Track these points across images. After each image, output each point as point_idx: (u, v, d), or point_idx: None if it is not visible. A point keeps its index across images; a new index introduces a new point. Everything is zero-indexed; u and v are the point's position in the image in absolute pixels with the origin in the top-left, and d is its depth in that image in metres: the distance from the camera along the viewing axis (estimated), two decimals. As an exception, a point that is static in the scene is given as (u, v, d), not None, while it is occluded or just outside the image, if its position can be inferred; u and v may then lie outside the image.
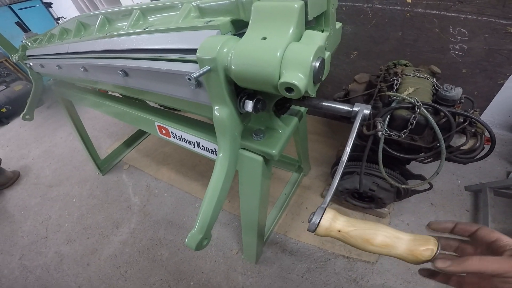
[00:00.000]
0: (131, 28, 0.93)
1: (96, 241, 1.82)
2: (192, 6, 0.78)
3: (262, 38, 0.54)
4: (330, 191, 0.58)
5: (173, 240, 1.73)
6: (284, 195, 1.81)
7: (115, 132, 2.87)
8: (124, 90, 1.12)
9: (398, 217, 1.63)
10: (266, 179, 0.99)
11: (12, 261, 1.81)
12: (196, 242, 0.72)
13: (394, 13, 1.55)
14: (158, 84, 0.85)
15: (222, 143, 0.74)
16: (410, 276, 1.39)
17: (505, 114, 1.92)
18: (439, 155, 1.02)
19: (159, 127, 1.14)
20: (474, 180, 1.76)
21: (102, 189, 2.19)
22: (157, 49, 0.79)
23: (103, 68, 1.03)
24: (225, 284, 1.49)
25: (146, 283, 1.55)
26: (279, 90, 0.52)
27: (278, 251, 1.58)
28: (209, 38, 0.60)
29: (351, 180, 1.40)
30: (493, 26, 1.36)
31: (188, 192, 2.01)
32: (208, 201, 0.74)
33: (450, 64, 1.59)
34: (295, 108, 1.02)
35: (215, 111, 0.68)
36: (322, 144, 2.18)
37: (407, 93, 1.11)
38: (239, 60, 0.55)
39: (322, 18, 0.70)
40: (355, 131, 0.66)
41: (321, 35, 0.55)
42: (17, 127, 3.33)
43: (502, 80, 1.52)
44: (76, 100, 1.77)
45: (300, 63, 0.50)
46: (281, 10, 0.54)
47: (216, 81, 0.61)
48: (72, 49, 1.18)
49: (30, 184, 2.40)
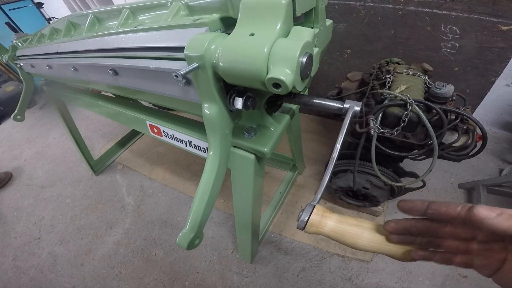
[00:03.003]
0: (120, 27, 0.93)
1: (90, 242, 1.80)
2: (181, 4, 0.77)
3: (250, 34, 0.54)
4: (321, 188, 0.58)
5: (168, 240, 1.72)
6: (278, 194, 1.81)
7: (109, 133, 2.85)
8: (115, 90, 1.12)
9: (392, 215, 1.64)
10: (259, 178, 0.99)
11: (5, 262, 1.78)
12: (188, 241, 0.71)
13: (386, 11, 1.55)
14: (148, 82, 0.85)
15: (212, 141, 0.74)
16: (404, 274, 1.40)
17: (497, 111, 1.93)
18: (431, 153, 1.02)
19: (150, 126, 1.13)
20: (467, 178, 1.77)
21: (95, 189, 2.17)
22: (146, 47, 0.79)
23: (92, 68, 1.02)
24: (220, 283, 1.49)
25: (141, 283, 1.54)
26: (267, 86, 0.51)
27: (273, 250, 1.58)
28: (197, 35, 0.60)
29: (344, 178, 1.40)
30: (484, 24, 1.37)
31: (183, 192, 2.00)
32: (199, 200, 0.73)
33: (442, 62, 1.59)
34: (287, 105, 1.01)
35: (204, 109, 0.67)
36: (316, 142, 2.18)
37: (399, 90, 1.11)
38: (226, 57, 0.55)
39: (312, 15, 0.70)
40: (345, 127, 0.66)
41: (309, 30, 0.55)
42: (9, 128, 3.30)
43: (494, 78, 1.54)
44: (68, 101, 1.75)
45: (287, 59, 0.49)
46: (269, 6, 0.54)
47: (205, 78, 0.61)
48: (62, 49, 1.16)
49: (23, 185, 2.37)
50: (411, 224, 0.45)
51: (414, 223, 0.45)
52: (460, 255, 0.42)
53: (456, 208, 0.38)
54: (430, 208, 0.41)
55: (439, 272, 1.38)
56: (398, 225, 0.47)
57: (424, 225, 0.44)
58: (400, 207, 0.45)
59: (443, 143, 1.05)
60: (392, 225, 0.47)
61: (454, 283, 1.34)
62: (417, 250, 0.46)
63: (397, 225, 0.47)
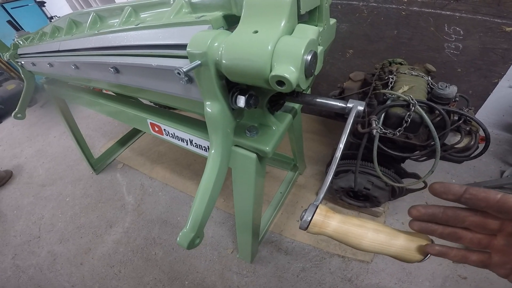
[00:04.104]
0: (122, 25, 0.92)
1: (90, 241, 1.80)
2: (184, 1, 0.76)
3: (254, 31, 0.53)
4: (323, 188, 0.58)
5: (168, 239, 1.72)
6: (279, 194, 1.80)
7: (109, 131, 2.84)
8: (117, 88, 1.11)
9: (393, 216, 1.63)
10: (260, 177, 0.98)
11: (4, 261, 1.78)
12: (188, 240, 0.71)
13: (389, 12, 1.54)
14: (150, 80, 0.84)
15: (214, 139, 0.73)
16: (405, 275, 1.39)
17: (499, 113, 1.93)
18: (433, 154, 1.02)
19: (151, 124, 1.13)
20: (469, 179, 1.76)
21: (95, 188, 2.17)
22: (148, 45, 0.78)
23: (94, 66, 1.01)
24: (220, 283, 1.48)
25: (140, 283, 1.54)
26: (270, 83, 0.51)
27: (273, 250, 1.57)
28: (200, 32, 0.59)
29: (346, 178, 1.40)
30: (488, 25, 1.36)
31: (183, 191, 1.99)
32: (200, 199, 0.73)
33: (445, 63, 1.59)
34: (289, 105, 1.01)
35: (206, 107, 0.67)
36: (317, 142, 2.18)
37: (402, 91, 1.11)
38: (229, 54, 0.54)
39: (316, 13, 0.69)
40: (349, 127, 0.65)
41: (314, 28, 0.54)
42: (10, 126, 3.29)
43: (497, 79, 1.53)
44: (69, 99, 1.75)
45: (292, 56, 0.49)
46: (273, 3, 0.53)
47: (207, 76, 0.60)
48: (63, 47, 1.16)
49: (23, 184, 2.37)
50: (440, 211, 0.43)
51: (443, 209, 0.43)
52: (477, 253, 0.41)
53: (496, 195, 0.37)
54: (468, 193, 0.39)
55: (439, 273, 1.37)
56: (426, 209, 0.44)
57: (453, 212, 0.42)
58: (434, 188, 0.42)
59: (445, 144, 1.05)
60: (420, 208, 0.45)
61: (454, 284, 1.34)
62: (433, 244, 0.45)
63: (426, 210, 0.44)
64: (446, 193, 0.41)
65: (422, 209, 0.45)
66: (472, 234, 0.42)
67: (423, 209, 0.44)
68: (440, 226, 0.44)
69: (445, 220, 0.43)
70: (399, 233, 0.49)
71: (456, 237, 0.43)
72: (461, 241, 0.43)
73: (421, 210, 0.45)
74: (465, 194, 0.39)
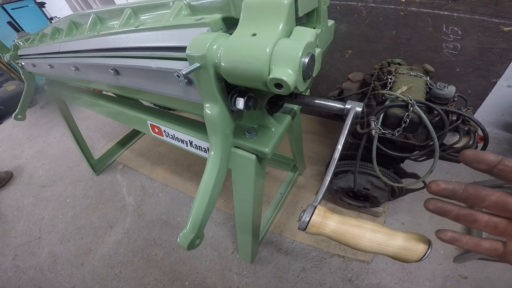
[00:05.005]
0: (122, 26, 0.93)
1: (90, 241, 1.80)
2: (183, 4, 0.77)
3: (252, 34, 0.54)
4: (322, 188, 0.58)
5: (168, 240, 1.72)
6: (279, 195, 1.81)
7: (109, 132, 2.85)
8: (117, 89, 1.11)
9: (393, 216, 1.64)
10: (259, 178, 0.99)
11: (5, 262, 1.78)
12: (188, 241, 0.71)
13: (388, 12, 1.55)
14: (150, 82, 0.85)
15: (213, 141, 0.74)
16: (405, 275, 1.40)
17: (498, 112, 1.93)
18: (432, 154, 1.02)
19: (151, 126, 1.13)
20: (468, 179, 1.77)
21: (96, 189, 2.17)
22: (148, 47, 0.79)
23: (94, 67, 1.02)
24: (220, 284, 1.49)
25: (141, 283, 1.54)
26: (269, 86, 0.51)
27: (273, 251, 1.58)
28: (199, 35, 0.60)
29: (345, 179, 1.40)
30: (486, 24, 1.37)
31: (183, 192, 2.00)
32: (200, 200, 0.73)
33: (444, 63, 1.59)
34: (289, 106, 1.01)
35: (206, 109, 0.67)
36: (317, 143, 2.18)
37: (400, 91, 1.11)
38: (228, 57, 0.55)
39: (314, 15, 0.69)
40: (347, 128, 0.65)
41: (311, 31, 0.55)
42: (10, 127, 3.30)
43: (495, 79, 1.53)
44: (69, 100, 1.75)
45: (289, 59, 0.49)
46: (271, 6, 0.54)
47: (206, 78, 0.61)
48: (63, 48, 1.16)
49: (23, 185, 2.37)
50: (461, 187, 0.40)
51: (465, 186, 0.40)
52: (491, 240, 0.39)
53: None
54: (503, 164, 0.36)
55: (440, 273, 1.38)
56: (447, 185, 0.40)
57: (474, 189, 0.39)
58: (466, 156, 0.39)
59: (444, 144, 1.05)
60: (440, 183, 0.41)
61: (455, 284, 1.34)
62: (446, 230, 0.43)
63: (446, 185, 0.40)
64: (479, 162, 0.38)
65: (442, 184, 0.41)
66: (489, 217, 0.39)
67: (444, 184, 0.41)
68: (456, 207, 0.42)
69: (465, 197, 0.40)
70: (397, 233, 0.50)
71: (472, 219, 0.41)
72: (476, 224, 0.41)
73: (441, 185, 0.41)
74: (499, 165, 0.36)
